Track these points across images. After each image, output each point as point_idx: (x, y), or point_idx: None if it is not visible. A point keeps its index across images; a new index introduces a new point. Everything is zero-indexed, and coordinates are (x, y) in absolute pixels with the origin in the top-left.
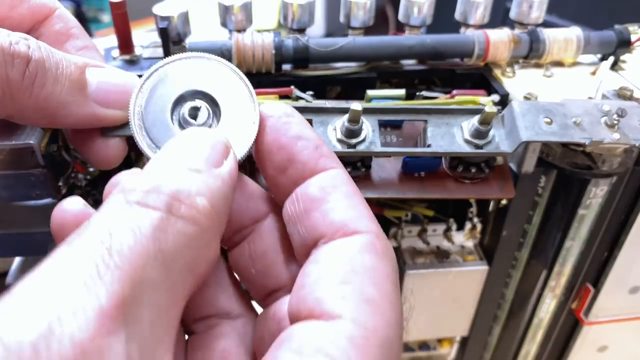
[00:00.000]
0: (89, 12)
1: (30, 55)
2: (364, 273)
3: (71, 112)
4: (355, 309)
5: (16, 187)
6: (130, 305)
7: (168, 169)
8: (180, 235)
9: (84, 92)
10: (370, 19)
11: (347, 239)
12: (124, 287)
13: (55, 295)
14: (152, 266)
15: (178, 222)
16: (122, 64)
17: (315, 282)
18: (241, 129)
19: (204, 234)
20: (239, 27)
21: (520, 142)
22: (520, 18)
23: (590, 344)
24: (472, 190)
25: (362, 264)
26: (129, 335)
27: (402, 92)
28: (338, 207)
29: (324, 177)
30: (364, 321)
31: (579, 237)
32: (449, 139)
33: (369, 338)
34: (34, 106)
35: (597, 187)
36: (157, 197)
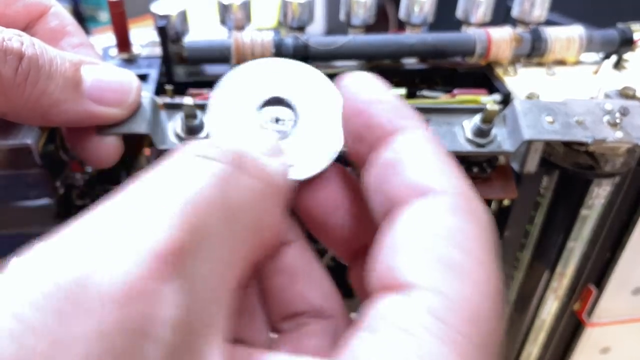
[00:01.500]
0: (86, 10)
1: (23, 51)
2: (445, 236)
3: (65, 109)
4: (436, 277)
5: (13, 188)
6: (189, 253)
7: (235, 135)
8: (245, 189)
9: (79, 89)
10: (371, 17)
11: (425, 199)
12: (184, 233)
13: (112, 233)
14: (216, 216)
15: (243, 177)
16: (120, 62)
17: (387, 252)
18: (322, 139)
19: (270, 193)
20: (238, 26)
21: (523, 140)
22: (522, 16)
23: (593, 346)
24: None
25: (443, 226)
26: (183, 285)
27: (402, 92)
28: (415, 167)
29: (402, 139)
30: (447, 290)
31: (581, 238)
32: (450, 139)
33: (455, 309)
34: (28, 104)
35: (600, 187)
36: (223, 151)
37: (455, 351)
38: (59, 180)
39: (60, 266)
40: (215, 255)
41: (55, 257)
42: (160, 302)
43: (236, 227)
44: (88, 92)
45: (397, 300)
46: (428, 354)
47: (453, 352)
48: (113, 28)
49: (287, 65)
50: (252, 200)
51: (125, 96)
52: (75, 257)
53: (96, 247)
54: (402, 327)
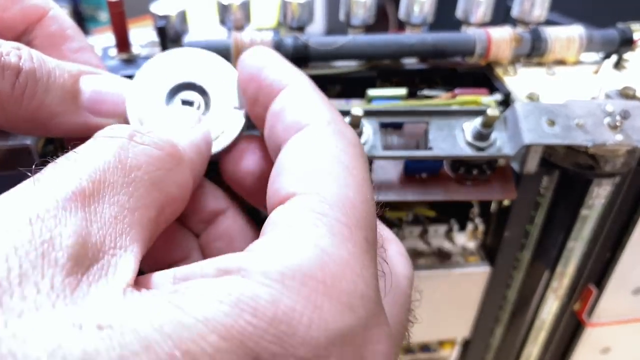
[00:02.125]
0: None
1: (20, 66)
2: (317, 152)
3: (63, 122)
4: (312, 184)
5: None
6: (91, 198)
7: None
8: (140, 154)
9: (77, 101)
10: (371, 17)
11: (300, 132)
12: (86, 183)
13: (33, 190)
14: (112, 173)
15: (138, 145)
16: (120, 63)
17: (273, 179)
18: (230, 114)
19: (165, 155)
20: (237, 26)
21: (523, 145)
22: (522, 16)
23: (593, 346)
24: (473, 192)
25: (315, 145)
26: (85, 217)
27: (403, 92)
28: (293, 110)
29: (284, 92)
30: (323, 191)
31: (581, 238)
32: (450, 142)
33: (330, 203)
34: (25, 117)
35: (600, 187)
36: (121, 130)
37: (335, 233)
38: None
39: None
40: (114, 200)
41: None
42: (64, 223)
43: (134, 181)
44: (86, 103)
45: (283, 208)
46: (314, 239)
47: (335, 234)
48: (112, 28)
49: (195, 54)
50: (146, 162)
51: (122, 107)
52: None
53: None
54: (290, 224)
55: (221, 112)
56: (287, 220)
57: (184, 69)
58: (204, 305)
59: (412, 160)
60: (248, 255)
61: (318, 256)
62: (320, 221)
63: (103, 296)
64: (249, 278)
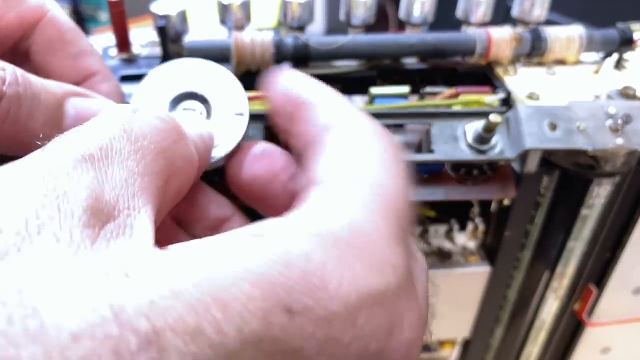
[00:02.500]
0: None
1: (3, 91)
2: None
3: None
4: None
5: None
6: (99, 160)
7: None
8: (145, 125)
9: (59, 127)
10: (371, 17)
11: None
12: (91, 148)
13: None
14: (118, 139)
15: (142, 118)
16: (120, 62)
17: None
18: (232, 120)
19: (172, 130)
20: (238, 26)
21: (524, 149)
22: (522, 16)
23: (593, 346)
24: (473, 191)
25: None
26: (97, 177)
27: (405, 89)
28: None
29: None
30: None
31: (581, 238)
32: (452, 144)
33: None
34: (5, 140)
35: (600, 187)
36: (124, 106)
37: (372, 210)
38: None
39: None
40: (123, 165)
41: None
42: (77, 181)
43: (140, 148)
44: (68, 129)
45: (319, 185)
46: (350, 211)
47: (371, 211)
48: (113, 28)
49: (195, 64)
50: (151, 132)
51: None
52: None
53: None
54: (324, 196)
55: (223, 118)
56: (321, 193)
57: (183, 80)
58: (235, 257)
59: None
60: (279, 220)
61: (351, 225)
62: (358, 196)
63: (125, 250)
64: (279, 237)
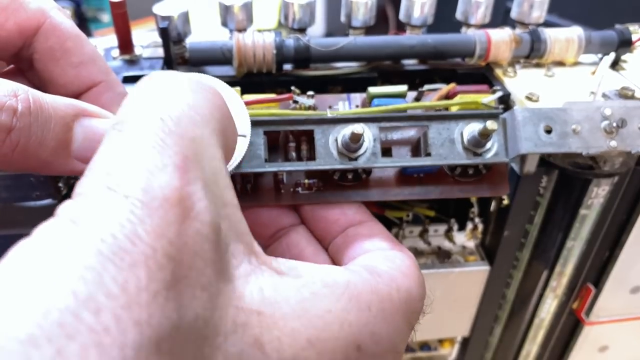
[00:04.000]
0: (88, 11)
1: (12, 125)
2: (398, 261)
3: (51, 169)
4: (394, 268)
5: (16, 188)
6: (194, 160)
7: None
8: (207, 101)
9: (68, 151)
10: (371, 18)
11: (390, 251)
12: (184, 147)
13: (135, 156)
14: (196, 126)
15: (202, 91)
16: (122, 64)
17: (363, 259)
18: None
19: (224, 105)
20: (239, 27)
21: (519, 153)
22: (521, 18)
23: (591, 344)
24: (468, 189)
25: (398, 257)
26: (203, 183)
27: (404, 88)
28: (379, 238)
29: (370, 226)
30: (390, 271)
31: (580, 237)
32: (448, 147)
33: (393, 277)
34: (11, 166)
35: (599, 187)
36: (181, 74)
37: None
38: (62, 180)
39: (118, 182)
40: (210, 155)
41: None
42: (198, 198)
43: (212, 132)
44: (76, 153)
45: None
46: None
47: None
48: (115, 29)
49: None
50: (213, 110)
51: None
52: (125, 176)
53: (134, 168)
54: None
55: None
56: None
57: None
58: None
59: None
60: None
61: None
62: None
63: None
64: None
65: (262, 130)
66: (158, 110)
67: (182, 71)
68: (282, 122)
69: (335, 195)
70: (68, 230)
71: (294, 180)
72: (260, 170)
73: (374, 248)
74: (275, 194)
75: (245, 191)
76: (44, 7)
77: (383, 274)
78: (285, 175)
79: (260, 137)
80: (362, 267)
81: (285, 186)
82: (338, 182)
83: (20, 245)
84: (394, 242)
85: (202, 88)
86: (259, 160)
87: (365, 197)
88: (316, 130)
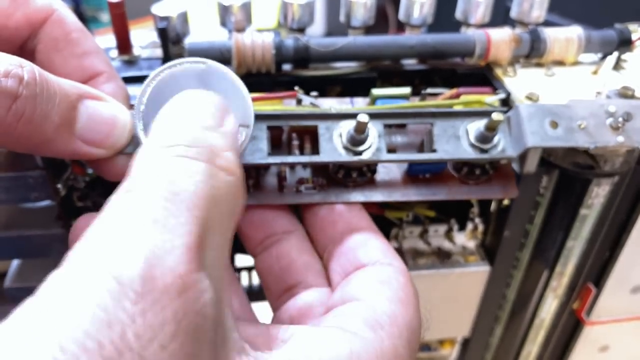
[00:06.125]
0: (87, 11)
1: (18, 92)
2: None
3: (54, 147)
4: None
5: (15, 189)
6: (204, 243)
7: (189, 126)
8: (224, 183)
9: (72, 129)
10: (371, 18)
11: (383, 266)
12: (197, 227)
13: (141, 233)
14: (211, 210)
15: (220, 172)
16: (121, 64)
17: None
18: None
19: (238, 182)
20: (238, 27)
21: (526, 147)
22: (521, 17)
23: (592, 344)
24: (476, 190)
25: (392, 278)
26: (207, 269)
27: (407, 90)
28: (373, 247)
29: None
30: (377, 305)
31: (580, 237)
32: (454, 143)
33: (397, 318)
34: (18, 140)
35: (599, 186)
36: (199, 150)
37: (398, 333)
38: (61, 182)
39: (117, 266)
40: (216, 242)
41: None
42: (203, 288)
43: (223, 215)
44: (79, 132)
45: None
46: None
47: (396, 333)
48: (113, 29)
49: (208, 69)
50: (228, 190)
51: (113, 140)
52: (125, 258)
53: (138, 247)
54: (340, 325)
55: None
56: (341, 322)
57: (193, 85)
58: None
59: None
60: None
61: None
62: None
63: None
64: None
65: (266, 125)
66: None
67: None
68: (286, 117)
69: (339, 195)
70: (38, 324)
71: (297, 178)
72: (262, 162)
73: (367, 261)
74: (279, 192)
75: (247, 189)
76: (51, 1)
77: (385, 324)
78: (289, 173)
79: (264, 131)
80: (363, 322)
81: (289, 185)
82: (342, 181)
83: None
84: (387, 251)
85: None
86: (261, 153)
87: (370, 198)
88: (320, 126)
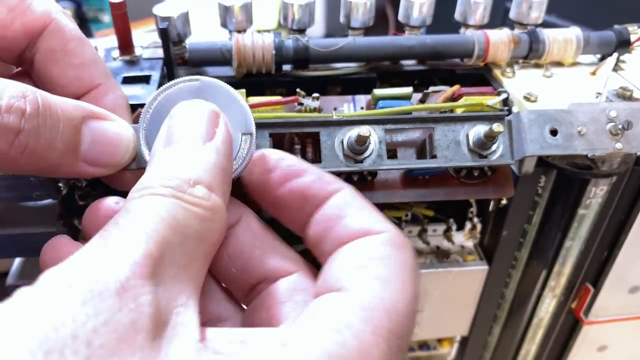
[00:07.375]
0: (89, 12)
1: (20, 127)
2: (379, 259)
3: (58, 171)
4: (367, 285)
5: (17, 188)
6: (157, 260)
7: (168, 163)
8: (190, 213)
9: (76, 153)
10: (370, 19)
11: (368, 237)
12: (152, 248)
13: (108, 254)
14: (171, 235)
15: (185, 205)
16: (122, 64)
17: (336, 268)
18: (240, 140)
19: (208, 211)
20: (239, 28)
21: (525, 155)
22: (519, 18)
23: (590, 344)
24: (473, 191)
25: (378, 253)
26: (155, 282)
27: (409, 90)
28: (356, 218)
29: (336, 198)
30: (371, 292)
31: (578, 237)
32: (454, 149)
33: (375, 304)
34: (20, 168)
35: (597, 187)
36: (168, 190)
37: (371, 330)
38: (62, 181)
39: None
40: (175, 261)
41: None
42: (141, 293)
43: (187, 238)
44: (83, 155)
45: (338, 297)
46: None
47: (369, 330)
48: (115, 30)
49: (205, 85)
50: (194, 218)
51: (116, 159)
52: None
53: (101, 262)
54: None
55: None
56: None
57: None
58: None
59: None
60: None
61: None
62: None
63: (181, 355)
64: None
65: (268, 132)
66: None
67: (182, 72)
68: (288, 125)
69: None
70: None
71: None
72: None
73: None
74: None
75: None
76: (49, 9)
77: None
78: None
79: (266, 139)
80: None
81: None
82: None
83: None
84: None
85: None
86: None
87: (370, 199)
88: (322, 132)
